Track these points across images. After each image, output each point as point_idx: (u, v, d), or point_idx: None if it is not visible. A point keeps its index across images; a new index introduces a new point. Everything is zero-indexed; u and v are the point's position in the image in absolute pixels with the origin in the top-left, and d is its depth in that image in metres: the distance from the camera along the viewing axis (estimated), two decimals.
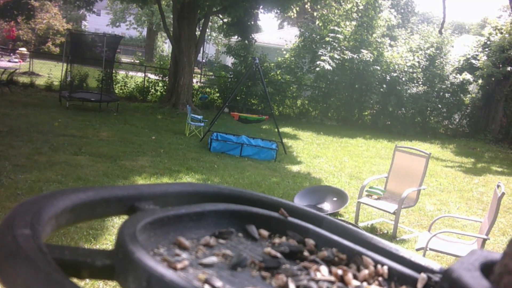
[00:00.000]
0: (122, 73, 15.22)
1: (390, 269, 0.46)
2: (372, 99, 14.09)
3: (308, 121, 14.59)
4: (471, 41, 16.03)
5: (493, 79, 14.17)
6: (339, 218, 5.21)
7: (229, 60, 17.68)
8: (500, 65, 13.97)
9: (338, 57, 13.68)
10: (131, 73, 15.82)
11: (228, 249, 0.47)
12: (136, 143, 7.98)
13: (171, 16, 13.64)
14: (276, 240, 0.52)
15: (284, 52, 15.76)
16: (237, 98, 13.60)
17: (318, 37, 14.59)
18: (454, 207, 6.72)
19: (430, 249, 3.89)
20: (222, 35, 18.05)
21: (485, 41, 14.94)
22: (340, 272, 0.44)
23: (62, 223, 0.41)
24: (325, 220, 0.56)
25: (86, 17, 32.64)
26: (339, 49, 13.96)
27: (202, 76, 20.52)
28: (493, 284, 0.37)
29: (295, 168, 7.78)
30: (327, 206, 5.61)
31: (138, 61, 18.72)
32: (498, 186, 3.91)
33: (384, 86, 14.14)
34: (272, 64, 14.66)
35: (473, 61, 14.72)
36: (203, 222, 0.50)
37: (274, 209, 0.56)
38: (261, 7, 13.19)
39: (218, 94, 14.47)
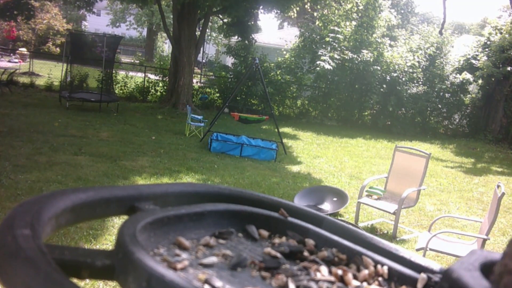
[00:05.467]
0: (122, 73, 15.22)
1: (390, 269, 0.46)
2: (372, 99, 14.09)
3: (308, 121, 14.59)
4: (471, 41, 16.03)
5: (493, 79, 14.16)
6: (339, 218, 5.21)
7: (229, 60, 17.68)
8: (500, 65, 13.96)
9: (338, 57, 13.69)
10: (131, 73, 15.82)
11: (228, 249, 0.47)
12: (136, 143, 7.98)
13: (171, 16, 13.64)
14: (276, 240, 0.52)
15: (284, 52, 15.76)
16: (237, 98, 13.60)
17: (318, 37, 14.59)
18: (454, 207, 6.72)
19: (430, 249, 3.89)
20: (222, 35, 18.05)
21: (485, 41, 14.94)
22: (340, 272, 0.44)
23: (62, 223, 0.41)
24: (325, 220, 0.56)
25: (86, 17, 32.66)
26: (339, 49, 13.96)
27: (202, 76, 20.52)
28: (493, 284, 0.37)
29: (295, 168, 7.78)
30: (327, 206, 5.60)
31: (138, 61, 18.72)
32: (498, 186, 3.91)
33: (384, 86, 14.15)
34: (272, 64, 14.66)
35: (473, 61, 14.72)
36: (203, 222, 0.50)
37: (274, 209, 0.56)
38: (261, 7, 13.20)
39: (218, 94, 14.47)
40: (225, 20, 14.31)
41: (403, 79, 14.17)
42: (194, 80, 15.20)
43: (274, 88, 13.99)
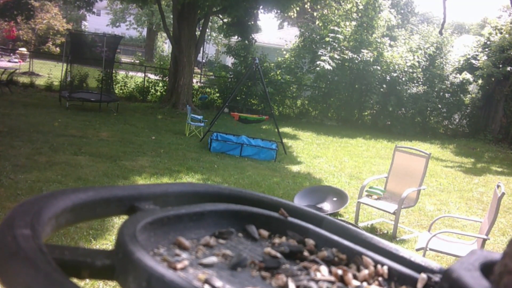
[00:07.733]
0: (122, 73, 15.22)
1: (390, 269, 0.46)
2: (372, 99, 14.09)
3: (308, 121, 14.59)
4: (471, 41, 16.03)
5: (493, 79, 14.16)
6: (339, 218, 5.21)
7: (229, 60, 17.68)
8: (500, 65, 13.96)
9: (338, 57, 13.69)
10: (131, 73, 15.81)
11: (228, 249, 0.47)
12: (136, 143, 7.98)
13: (171, 16, 13.64)
14: (276, 240, 0.52)
15: (284, 52, 15.77)
16: (237, 98, 13.60)
17: (318, 37, 14.59)
18: (454, 207, 6.72)
19: (430, 249, 3.89)
20: (222, 35, 18.05)
21: (485, 41, 14.94)
22: (340, 272, 0.44)
23: (62, 223, 0.41)
24: (325, 220, 0.56)
25: (86, 17, 32.63)
26: (339, 49, 13.96)
27: (202, 76, 20.51)
28: (493, 284, 0.37)
29: (295, 168, 7.78)
30: (327, 206, 5.60)
31: (138, 61, 18.72)
32: (498, 186, 3.91)
33: (384, 86, 14.14)
34: (272, 64, 14.66)
35: (473, 61, 14.72)
36: (203, 222, 0.50)
37: (274, 209, 0.56)
38: (261, 7, 13.19)
39: (218, 94, 14.48)
40: (225, 20, 14.31)
41: (403, 79, 14.17)
42: (194, 80, 15.20)
43: (274, 88, 13.99)
